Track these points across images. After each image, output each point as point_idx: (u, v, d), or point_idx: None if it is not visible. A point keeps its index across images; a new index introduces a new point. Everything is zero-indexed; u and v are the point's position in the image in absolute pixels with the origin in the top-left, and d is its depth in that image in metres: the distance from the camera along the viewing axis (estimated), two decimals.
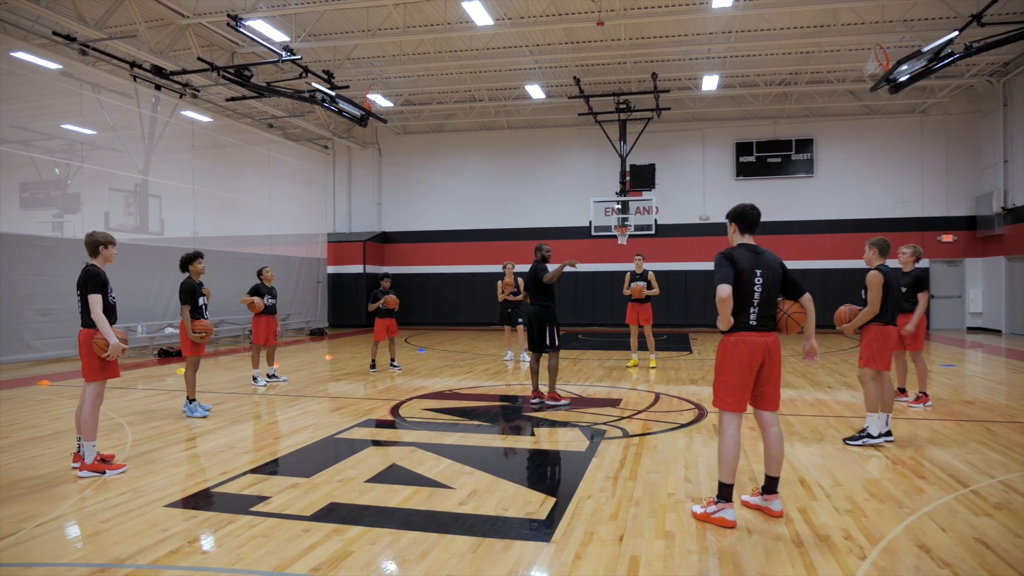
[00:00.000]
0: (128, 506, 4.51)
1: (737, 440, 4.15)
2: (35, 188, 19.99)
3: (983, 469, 5.23)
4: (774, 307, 4.24)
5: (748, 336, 4.13)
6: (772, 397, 4.23)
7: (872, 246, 6.21)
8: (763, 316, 4.16)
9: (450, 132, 23.88)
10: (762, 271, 4.14)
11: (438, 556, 3.65)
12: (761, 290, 4.13)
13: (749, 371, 4.12)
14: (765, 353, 4.13)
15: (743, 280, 4.10)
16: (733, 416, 4.17)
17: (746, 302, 4.13)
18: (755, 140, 21.03)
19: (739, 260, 4.12)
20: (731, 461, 4.12)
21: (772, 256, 4.24)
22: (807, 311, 4.30)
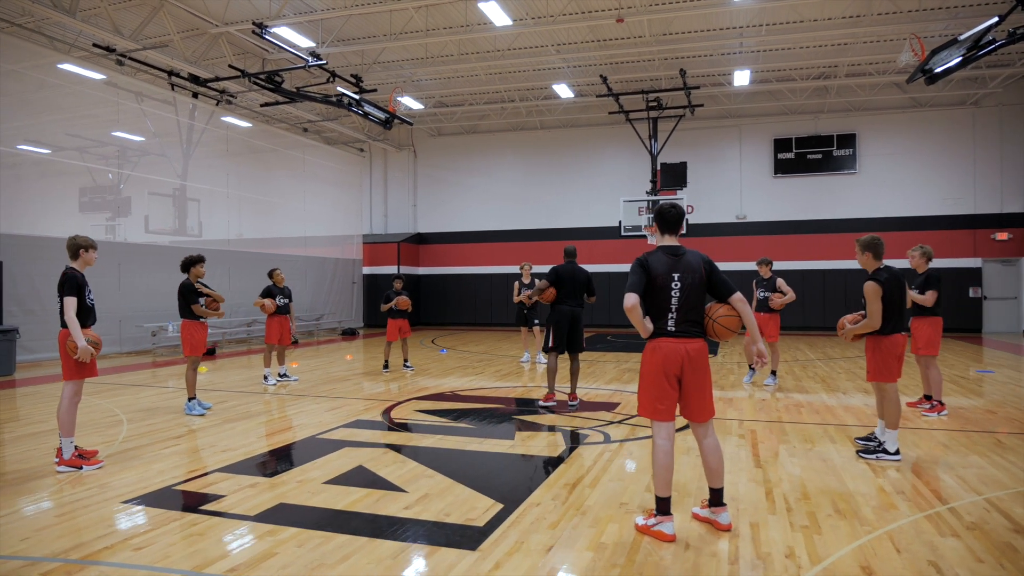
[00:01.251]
0: (88, 501, 4.65)
1: (667, 451, 3.96)
2: (92, 193, 20.96)
3: (973, 485, 4.89)
4: (698, 312, 4.03)
5: (664, 343, 3.95)
6: (699, 408, 4.02)
7: (864, 249, 5.77)
8: (684, 322, 3.96)
9: (483, 133, 23.95)
10: (680, 274, 3.95)
11: (357, 561, 3.62)
12: (679, 295, 3.94)
13: (665, 379, 3.94)
14: (684, 361, 3.93)
15: (658, 285, 3.93)
16: (660, 425, 4.00)
17: (663, 308, 3.95)
18: (794, 136, 20.34)
19: (653, 265, 3.95)
20: (663, 473, 3.95)
21: (695, 257, 4.03)
22: (741, 313, 4.04)
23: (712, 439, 4.08)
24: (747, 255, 20.42)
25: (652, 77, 18.59)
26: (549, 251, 22.50)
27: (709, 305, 4.12)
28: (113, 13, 14.02)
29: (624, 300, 3.90)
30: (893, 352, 5.60)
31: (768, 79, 18.77)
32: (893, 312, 5.58)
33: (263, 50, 16.86)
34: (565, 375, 8.44)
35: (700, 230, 21.00)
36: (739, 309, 4.04)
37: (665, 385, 3.94)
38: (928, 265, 7.50)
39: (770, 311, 9.75)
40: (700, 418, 4.04)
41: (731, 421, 7.25)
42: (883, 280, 5.56)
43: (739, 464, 5.50)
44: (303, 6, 14.30)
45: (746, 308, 4.04)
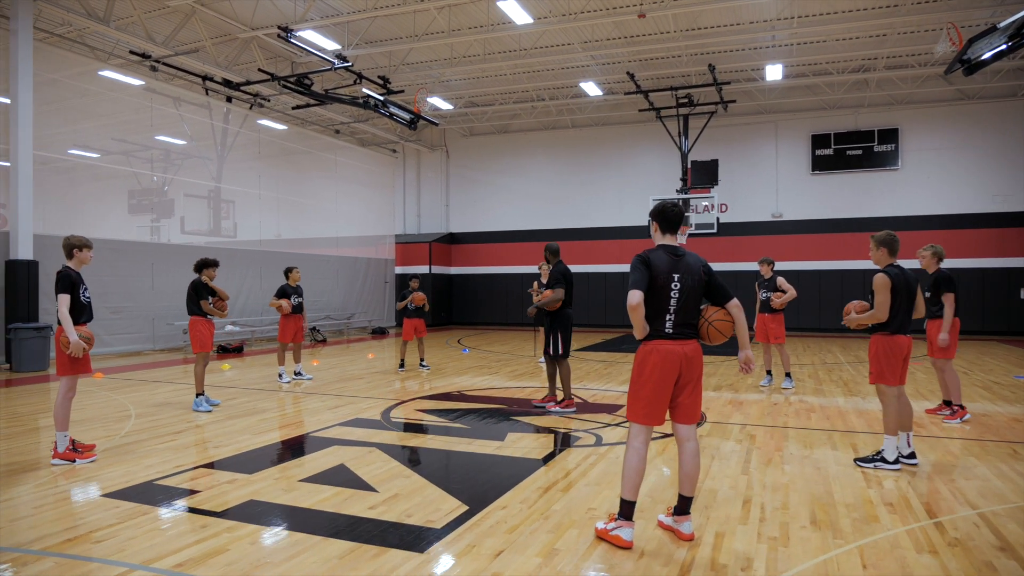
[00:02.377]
0: (68, 494, 4.78)
1: (642, 455, 3.84)
2: (140, 196, 21.76)
3: (970, 498, 4.60)
4: (694, 314, 3.90)
5: (663, 345, 3.82)
6: (690, 410, 3.89)
7: (880, 244, 5.51)
8: (681, 324, 3.84)
9: (515, 132, 23.92)
10: (680, 275, 3.82)
11: (304, 560, 3.62)
12: (679, 296, 3.81)
13: (662, 382, 3.80)
14: (682, 363, 3.80)
15: (659, 285, 3.80)
16: (641, 430, 3.87)
17: (662, 308, 3.82)
18: (833, 132, 19.68)
19: (655, 263, 3.82)
20: (633, 477, 3.82)
21: (695, 259, 3.91)
22: (735, 319, 3.92)
23: (694, 444, 3.95)
24: (783, 254, 19.88)
25: (682, 73, 18.24)
26: (580, 251, 22.34)
27: (704, 307, 4.00)
28: (146, 21, 14.47)
29: (628, 297, 3.78)
30: (897, 353, 5.32)
31: (804, 73, 18.19)
32: (900, 311, 5.31)
33: (292, 53, 17.17)
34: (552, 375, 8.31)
35: (734, 229, 20.53)
36: (735, 315, 3.94)
37: (663, 389, 3.82)
38: (939, 265, 7.15)
39: (773, 311, 9.43)
40: (690, 420, 3.92)
41: (733, 426, 7.02)
42: (893, 274, 5.30)
43: (726, 470, 5.31)
44: (328, 9, 14.50)
45: (741, 315, 3.95)
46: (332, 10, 14.56)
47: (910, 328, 5.42)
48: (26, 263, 11.79)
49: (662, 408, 3.85)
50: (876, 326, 5.38)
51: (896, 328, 5.32)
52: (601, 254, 22.20)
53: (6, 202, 20.13)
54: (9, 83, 11.79)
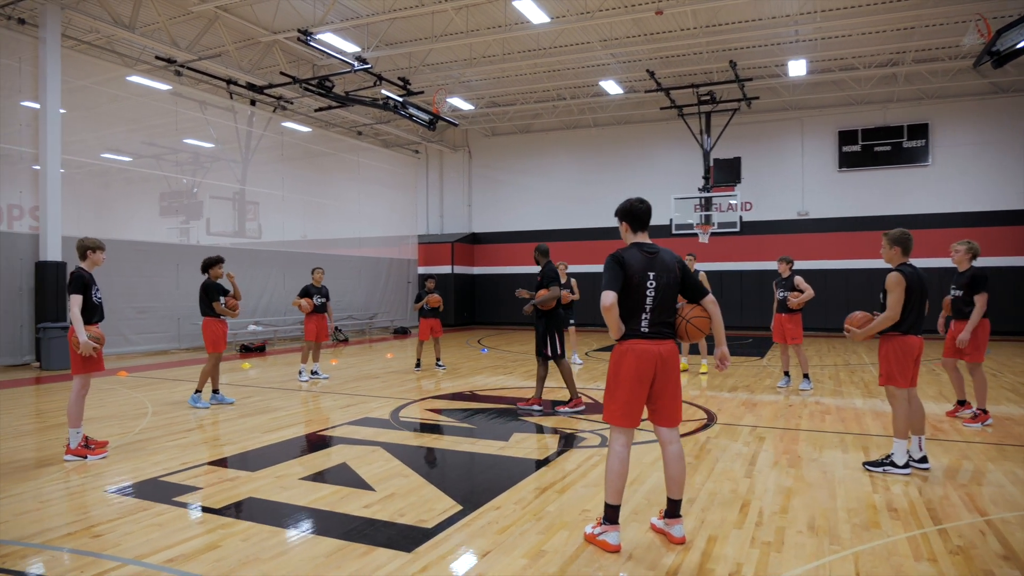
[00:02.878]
0: (76, 489, 4.90)
1: (623, 458, 3.79)
2: (171, 198, 22.22)
3: (980, 505, 4.46)
4: (671, 313, 3.85)
5: (638, 344, 3.76)
6: (668, 412, 3.84)
7: (893, 243, 5.36)
8: (657, 323, 3.78)
9: (537, 132, 23.88)
10: (656, 273, 3.77)
11: (291, 558, 3.65)
12: (654, 294, 3.76)
13: (638, 383, 3.75)
14: (657, 363, 3.74)
15: (634, 284, 3.75)
16: (621, 432, 3.82)
17: (637, 308, 3.77)
18: (860, 128, 19.25)
19: (630, 262, 3.76)
20: (615, 481, 3.78)
21: (669, 256, 3.86)
22: (711, 315, 3.88)
23: (677, 446, 3.89)
24: (810, 253, 19.54)
25: (704, 70, 18.02)
26: (602, 250, 22.21)
27: (681, 305, 3.94)
28: (171, 27, 14.78)
29: (602, 299, 3.73)
30: (908, 354, 5.17)
31: (829, 68, 17.83)
32: (912, 310, 5.16)
33: (314, 56, 17.37)
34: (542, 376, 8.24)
35: (759, 228, 20.22)
36: (710, 311, 3.90)
37: (638, 389, 3.76)
38: (972, 263, 6.93)
39: (790, 311, 9.24)
40: (670, 422, 3.86)
41: (743, 427, 6.91)
42: (908, 273, 5.16)
43: (729, 473, 5.23)
44: (347, 11, 14.63)
45: (717, 311, 3.92)
46: (351, 12, 14.69)
47: (922, 329, 5.28)
48: (55, 264, 12.12)
49: (638, 409, 3.79)
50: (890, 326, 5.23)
51: (908, 328, 5.17)
52: None
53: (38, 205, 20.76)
54: (38, 90, 12.12)
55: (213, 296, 8.04)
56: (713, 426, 6.99)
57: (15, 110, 12.55)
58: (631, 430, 3.83)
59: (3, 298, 11.78)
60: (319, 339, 10.54)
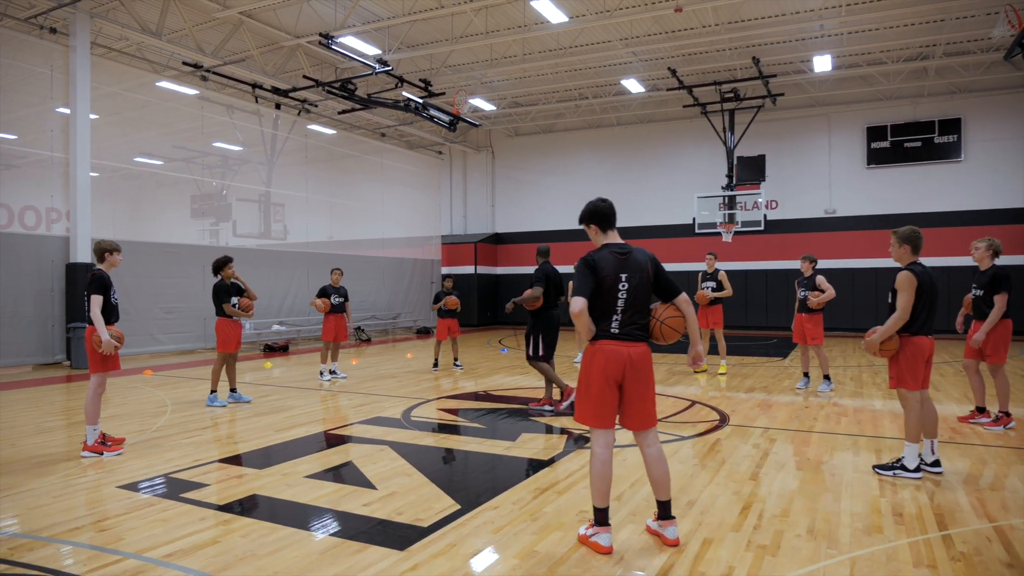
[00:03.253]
0: (89, 485, 5.04)
1: (604, 459, 3.75)
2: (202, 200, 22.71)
3: (991, 511, 4.34)
4: (643, 314, 3.80)
5: (607, 345, 3.73)
6: (641, 415, 3.77)
7: (903, 241, 5.21)
8: (628, 324, 3.74)
9: (560, 132, 23.84)
10: (628, 275, 3.72)
11: (286, 554, 3.71)
12: (626, 296, 3.72)
13: (606, 384, 3.71)
14: (626, 365, 3.69)
15: (605, 287, 3.71)
16: (599, 434, 3.78)
17: (609, 309, 3.73)
18: (890, 123, 18.83)
19: (601, 265, 3.73)
20: (598, 483, 3.75)
21: (642, 255, 3.81)
22: (685, 314, 3.82)
23: (655, 449, 3.85)
24: (837, 252, 19.19)
25: (727, 67, 17.80)
26: None
27: (655, 306, 3.90)
28: (197, 33, 15.08)
29: (571, 305, 3.71)
30: (919, 355, 5.05)
31: (856, 63, 17.47)
32: (922, 311, 5.04)
33: (336, 59, 17.57)
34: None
35: (785, 226, 19.90)
36: (684, 310, 3.84)
37: (607, 390, 3.73)
38: (994, 261, 6.74)
39: (810, 311, 9.08)
40: (641, 426, 3.81)
41: (755, 429, 6.81)
42: (918, 272, 5.04)
43: (734, 475, 5.16)
44: (368, 15, 14.77)
45: (691, 310, 3.86)
46: (372, 15, 14.82)
47: (932, 329, 5.15)
48: (84, 266, 12.45)
49: (610, 410, 3.74)
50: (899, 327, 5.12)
51: (918, 329, 5.05)
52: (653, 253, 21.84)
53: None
54: (69, 96, 12.48)
55: (224, 298, 8.18)
56: (725, 427, 6.91)
57: (47, 116, 12.94)
58: (609, 431, 3.79)
59: (35, 299, 12.15)
60: (337, 339, 10.67)
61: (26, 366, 12.20)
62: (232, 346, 8.32)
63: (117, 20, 13.43)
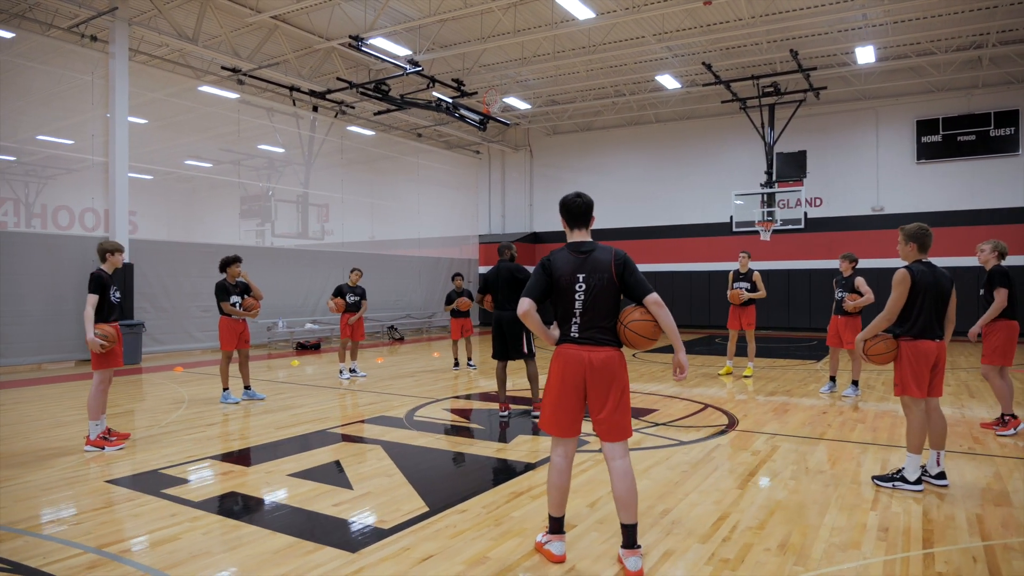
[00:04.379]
0: (79, 479, 5.19)
1: (560, 468, 3.61)
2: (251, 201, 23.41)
3: (988, 528, 4.03)
4: (608, 317, 3.58)
5: (567, 350, 3.57)
6: (609, 425, 3.54)
7: (909, 239, 4.93)
8: (590, 327, 3.55)
9: (599, 130, 23.58)
10: (586, 275, 3.54)
11: (241, 552, 3.72)
12: (584, 297, 3.54)
13: (563, 390, 3.55)
14: (586, 371, 3.51)
15: (562, 287, 3.56)
16: (558, 442, 3.64)
17: (568, 312, 3.58)
18: (941, 116, 17.92)
19: (556, 265, 3.58)
20: (553, 493, 3.62)
21: (605, 254, 3.58)
22: (657, 317, 3.55)
23: (620, 463, 3.56)
24: (885, 251, 18.37)
25: (765, 60, 17.26)
26: (664, 249, 21.74)
27: (625, 309, 3.70)
28: (234, 38, 15.50)
29: (518, 305, 3.63)
30: (923, 361, 4.75)
31: (905, 54, 16.67)
32: (923, 312, 4.74)
33: (370, 61, 17.78)
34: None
35: (830, 224, 19.18)
36: (654, 312, 3.54)
37: (566, 397, 3.56)
38: (998, 263, 6.41)
39: (847, 314, 8.68)
40: (607, 437, 3.57)
41: (761, 435, 6.54)
42: (916, 271, 4.75)
43: (721, 484, 4.95)
44: (399, 16, 14.88)
45: (662, 312, 3.53)
46: (402, 16, 14.92)
47: (941, 333, 4.84)
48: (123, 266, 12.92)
49: (568, 417, 3.56)
50: (900, 330, 4.84)
51: (920, 331, 4.76)
52: (689, 252, 21.44)
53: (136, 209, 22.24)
54: (108, 101, 12.98)
55: (222, 296, 8.32)
56: (729, 432, 6.67)
57: (88, 121, 13.50)
58: (567, 440, 3.63)
59: (76, 298, 12.67)
60: (354, 337, 10.77)
61: (69, 362, 12.76)
62: (234, 344, 8.43)
63: (155, 27, 13.91)
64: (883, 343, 4.87)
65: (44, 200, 19.88)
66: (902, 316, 4.83)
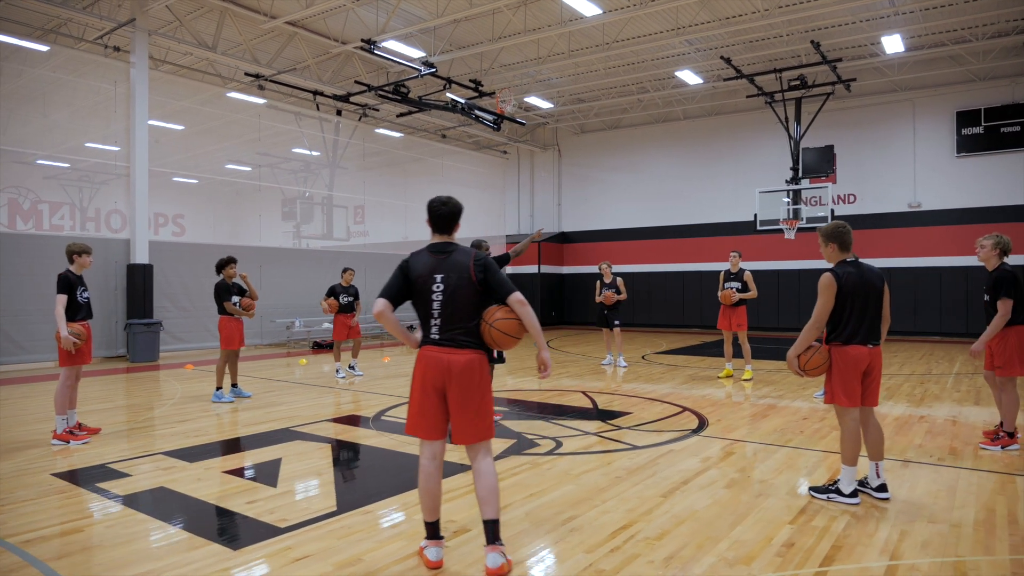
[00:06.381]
0: (29, 471, 5.40)
1: (428, 472, 3.55)
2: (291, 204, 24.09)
3: (906, 547, 3.76)
4: (469, 318, 3.52)
5: (427, 352, 3.53)
6: (465, 428, 3.50)
7: (828, 239, 4.62)
8: (450, 329, 3.50)
9: (626, 128, 23.26)
10: (444, 275, 3.50)
11: (131, 546, 3.80)
12: (442, 298, 3.49)
13: (423, 392, 3.51)
14: (445, 373, 3.46)
15: (418, 288, 3.54)
16: (422, 445, 3.59)
17: (427, 313, 3.54)
18: (983, 107, 16.95)
19: (413, 265, 3.57)
20: (422, 497, 3.57)
21: (464, 255, 3.54)
22: (521, 316, 3.49)
23: (482, 464, 3.54)
24: (922, 249, 17.56)
25: (790, 53, 16.68)
26: (691, 248, 21.29)
27: (489, 308, 3.63)
28: (256, 45, 15.94)
29: (374, 306, 3.61)
30: (852, 368, 4.46)
31: (941, 42, 15.83)
32: (852, 316, 4.47)
33: (389, 64, 18.00)
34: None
35: (864, 221, 18.35)
36: (518, 311, 3.50)
37: (427, 399, 3.52)
38: (1002, 261, 5.90)
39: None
40: (465, 439, 3.53)
41: (722, 441, 6.30)
42: (841, 274, 4.49)
43: (645, 492, 4.78)
44: (412, 17, 15.00)
45: (525, 310, 3.49)
46: (414, 18, 15.04)
47: (875, 338, 4.55)
48: (142, 267, 13.47)
49: (428, 420, 3.52)
50: (829, 336, 4.59)
51: (849, 337, 4.48)
52: (718, 251, 20.89)
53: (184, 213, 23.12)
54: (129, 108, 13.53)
55: (224, 296, 8.56)
56: (691, 438, 6.45)
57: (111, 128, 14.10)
58: (434, 443, 3.58)
59: (100, 297, 13.25)
60: (351, 337, 10.90)
61: (96, 358, 13.35)
62: (235, 343, 8.68)
63: (178, 37, 14.42)
64: (818, 355, 4.59)
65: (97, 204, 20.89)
66: (831, 322, 4.58)
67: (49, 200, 18.97)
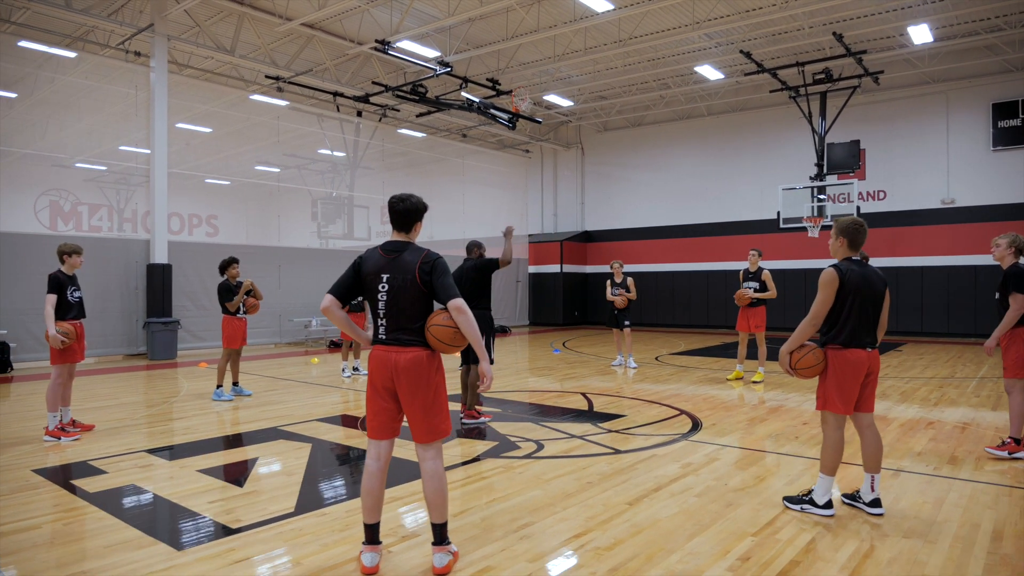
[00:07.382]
0: (13, 467, 5.51)
1: (371, 472, 3.51)
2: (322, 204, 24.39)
3: (867, 567, 3.57)
4: (415, 319, 3.48)
5: (377, 351, 3.52)
6: (416, 426, 3.48)
7: (839, 233, 4.44)
8: (396, 328, 3.47)
9: (650, 125, 22.94)
10: (390, 275, 3.46)
11: (85, 543, 3.84)
12: (387, 298, 3.46)
13: (375, 391, 3.50)
14: (392, 372, 3.43)
15: (367, 286, 3.53)
16: (371, 444, 3.56)
17: (375, 312, 3.54)
18: (1021, 98, 16.23)
19: (365, 263, 3.56)
20: (364, 498, 3.51)
21: (414, 256, 3.49)
22: (458, 323, 3.41)
23: (430, 465, 3.50)
24: (955, 247, 16.91)
25: (814, 45, 16.21)
26: (715, 247, 20.88)
27: (435, 311, 3.58)
28: (275, 48, 16.14)
29: (322, 300, 3.59)
30: (851, 373, 4.25)
31: (974, 31, 15.18)
32: (851, 317, 4.25)
33: (406, 64, 18.04)
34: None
35: (894, 219, 17.78)
36: (455, 318, 3.43)
37: (377, 398, 3.51)
38: (1017, 259, 5.60)
39: None
40: (417, 438, 3.52)
41: (710, 445, 6.11)
42: (845, 270, 4.28)
43: (616, 499, 4.64)
44: (426, 16, 15.01)
45: (462, 318, 3.41)
46: (428, 17, 15.04)
47: (872, 341, 4.33)
48: (161, 267, 13.74)
49: (380, 419, 3.50)
50: (825, 337, 4.36)
51: (849, 339, 4.26)
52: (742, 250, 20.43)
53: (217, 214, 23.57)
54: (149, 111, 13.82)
55: (227, 296, 8.65)
56: (679, 442, 6.27)
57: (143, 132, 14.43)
58: (380, 443, 3.55)
59: (121, 296, 13.58)
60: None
61: (117, 356, 13.69)
62: (238, 342, 8.78)
63: (196, 41, 14.68)
64: (812, 355, 4.37)
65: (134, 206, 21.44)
66: (828, 321, 4.35)
67: (88, 202, 19.57)
